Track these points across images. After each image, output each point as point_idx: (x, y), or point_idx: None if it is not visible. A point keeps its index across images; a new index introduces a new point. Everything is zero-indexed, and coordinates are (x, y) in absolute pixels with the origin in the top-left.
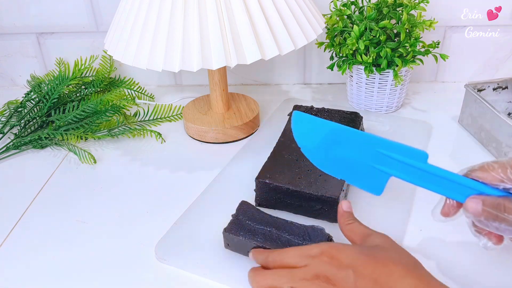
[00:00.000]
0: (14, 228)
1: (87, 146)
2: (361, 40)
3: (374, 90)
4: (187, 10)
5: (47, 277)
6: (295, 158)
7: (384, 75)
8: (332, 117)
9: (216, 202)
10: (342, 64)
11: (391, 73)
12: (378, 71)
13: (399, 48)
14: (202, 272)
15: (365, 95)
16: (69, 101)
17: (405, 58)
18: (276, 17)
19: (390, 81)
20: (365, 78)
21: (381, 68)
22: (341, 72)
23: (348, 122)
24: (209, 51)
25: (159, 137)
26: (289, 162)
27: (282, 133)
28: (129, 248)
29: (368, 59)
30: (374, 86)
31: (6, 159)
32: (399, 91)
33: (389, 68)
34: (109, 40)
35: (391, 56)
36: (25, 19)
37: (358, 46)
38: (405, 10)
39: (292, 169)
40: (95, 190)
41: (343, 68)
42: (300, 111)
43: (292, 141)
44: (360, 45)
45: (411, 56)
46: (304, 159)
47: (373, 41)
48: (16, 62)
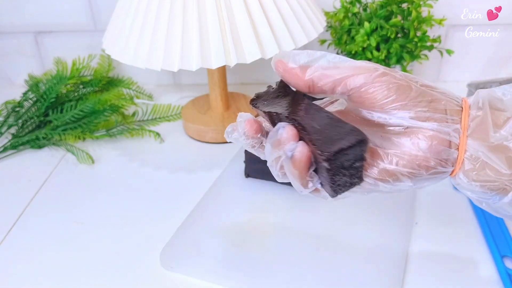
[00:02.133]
0: (11, 230)
1: (85, 146)
2: (372, 37)
3: None
4: (186, 9)
5: (44, 280)
6: None
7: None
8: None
9: (218, 204)
10: None
11: (397, 68)
12: (388, 67)
13: (407, 44)
14: (213, 279)
15: None
16: (67, 101)
17: (413, 53)
18: (277, 16)
19: None
20: None
21: (390, 64)
22: None
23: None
24: (208, 50)
25: (157, 137)
26: None
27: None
28: (130, 251)
29: (380, 55)
30: None
31: (3, 159)
32: None
33: (397, 64)
34: (107, 39)
35: (400, 52)
36: (22, 18)
37: (369, 42)
38: (412, 7)
39: None
40: (93, 190)
41: None
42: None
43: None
44: (372, 42)
45: (419, 52)
46: None
47: (383, 38)
48: (14, 61)
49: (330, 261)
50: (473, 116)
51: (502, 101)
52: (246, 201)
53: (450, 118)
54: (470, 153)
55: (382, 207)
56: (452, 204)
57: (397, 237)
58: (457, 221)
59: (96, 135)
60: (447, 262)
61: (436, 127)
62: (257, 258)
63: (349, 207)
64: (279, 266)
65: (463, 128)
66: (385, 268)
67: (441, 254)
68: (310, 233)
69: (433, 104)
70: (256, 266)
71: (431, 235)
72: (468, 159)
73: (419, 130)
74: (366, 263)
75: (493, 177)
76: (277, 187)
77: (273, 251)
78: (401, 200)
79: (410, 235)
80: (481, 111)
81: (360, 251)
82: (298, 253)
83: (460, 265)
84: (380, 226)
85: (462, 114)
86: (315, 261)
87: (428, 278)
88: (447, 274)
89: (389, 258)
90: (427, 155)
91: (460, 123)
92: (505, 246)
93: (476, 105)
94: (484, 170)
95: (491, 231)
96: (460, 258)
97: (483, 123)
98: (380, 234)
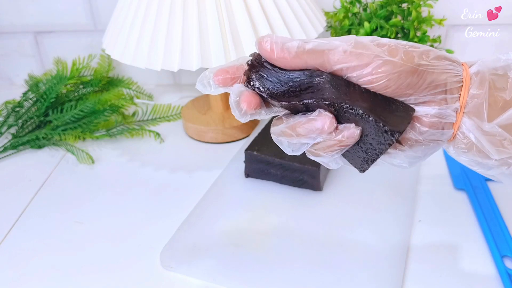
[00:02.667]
0: (11, 230)
1: (85, 146)
2: None
3: None
4: (186, 9)
5: (44, 280)
6: None
7: None
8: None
9: (218, 204)
10: None
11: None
12: None
13: None
14: (213, 279)
15: None
16: (67, 101)
17: None
18: (277, 16)
19: None
20: None
21: None
22: None
23: None
24: (208, 50)
25: (157, 137)
26: None
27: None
28: (130, 251)
29: None
30: None
31: (3, 159)
32: None
33: None
34: (108, 39)
35: None
36: (22, 18)
37: None
38: (412, 7)
39: None
40: (93, 190)
41: None
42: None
43: None
44: None
45: None
46: None
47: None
48: (14, 61)
49: (330, 261)
50: (472, 94)
51: (504, 77)
52: (246, 201)
53: (450, 96)
54: (463, 130)
55: (382, 207)
56: (452, 204)
57: (397, 237)
58: (457, 220)
59: (96, 135)
60: (447, 262)
61: (436, 112)
62: (257, 258)
63: (349, 207)
64: (279, 266)
65: (461, 105)
66: (385, 268)
67: (441, 254)
68: (310, 232)
69: (434, 84)
70: (256, 266)
71: (431, 235)
72: (460, 136)
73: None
74: (366, 263)
75: (480, 160)
76: (277, 187)
77: (273, 251)
78: (401, 199)
79: (410, 235)
80: (481, 89)
81: (360, 251)
82: (298, 252)
83: (460, 265)
84: (380, 226)
85: (462, 90)
86: (315, 261)
87: (428, 277)
88: (447, 273)
89: (389, 258)
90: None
91: (459, 99)
92: (505, 246)
93: (477, 83)
94: (472, 150)
95: (491, 231)
96: (460, 257)
97: (480, 105)
98: (380, 234)
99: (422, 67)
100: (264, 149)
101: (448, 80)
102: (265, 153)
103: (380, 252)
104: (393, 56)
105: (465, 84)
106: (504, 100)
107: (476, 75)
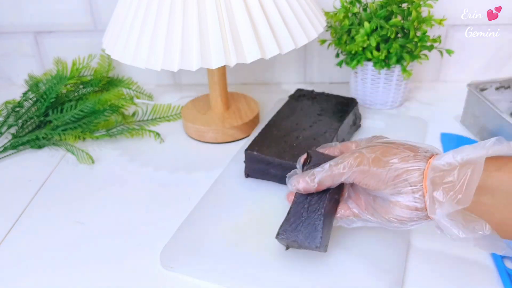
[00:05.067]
0: (11, 230)
1: (85, 146)
2: (372, 37)
3: (379, 85)
4: (186, 8)
5: (44, 279)
6: (283, 134)
7: (390, 70)
8: (330, 101)
9: (218, 204)
10: (349, 61)
11: (397, 68)
12: (388, 66)
13: (408, 44)
14: (213, 279)
15: (370, 91)
16: (67, 101)
17: (413, 53)
18: (277, 15)
19: (396, 76)
20: (370, 74)
21: (389, 64)
22: (351, 67)
23: (343, 105)
24: (208, 50)
25: (157, 137)
26: (277, 137)
27: (276, 113)
28: (130, 251)
29: (380, 55)
30: (380, 81)
31: (3, 159)
32: (403, 87)
33: (397, 64)
34: (107, 39)
35: (400, 52)
36: (22, 18)
37: (369, 42)
38: (412, 7)
39: (279, 144)
40: (93, 190)
41: (353, 64)
42: (301, 94)
43: (283, 119)
44: (372, 42)
45: (419, 51)
46: (291, 135)
47: (383, 38)
48: (14, 61)
49: (330, 261)
50: (430, 190)
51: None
52: (246, 201)
53: (414, 188)
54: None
55: None
56: None
57: (397, 237)
58: None
59: (96, 135)
60: (447, 262)
61: (405, 200)
62: (257, 258)
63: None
64: (279, 266)
65: (425, 195)
66: (385, 268)
67: (441, 254)
68: None
69: (397, 180)
70: (256, 266)
71: (431, 235)
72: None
73: (396, 201)
74: (366, 263)
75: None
76: (277, 187)
77: (273, 251)
78: None
79: (409, 235)
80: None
81: (360, 251)
82: (298, 252)
83: (460, 265)
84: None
85: (423, 182)
86: (315, 261)
87: (428, 278)
88: (447, 274)
89: (389, 258)
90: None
91: (422, 189)
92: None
93: (431, 181)
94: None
95: None
96: (460, 258)
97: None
98: (380, 234)
99: (389, 160)
100: (264, 149)
101: (409, 178)
102: (265, 153)
103: (380, 252)
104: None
105: (425, 178)
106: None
107: (430, 174)
